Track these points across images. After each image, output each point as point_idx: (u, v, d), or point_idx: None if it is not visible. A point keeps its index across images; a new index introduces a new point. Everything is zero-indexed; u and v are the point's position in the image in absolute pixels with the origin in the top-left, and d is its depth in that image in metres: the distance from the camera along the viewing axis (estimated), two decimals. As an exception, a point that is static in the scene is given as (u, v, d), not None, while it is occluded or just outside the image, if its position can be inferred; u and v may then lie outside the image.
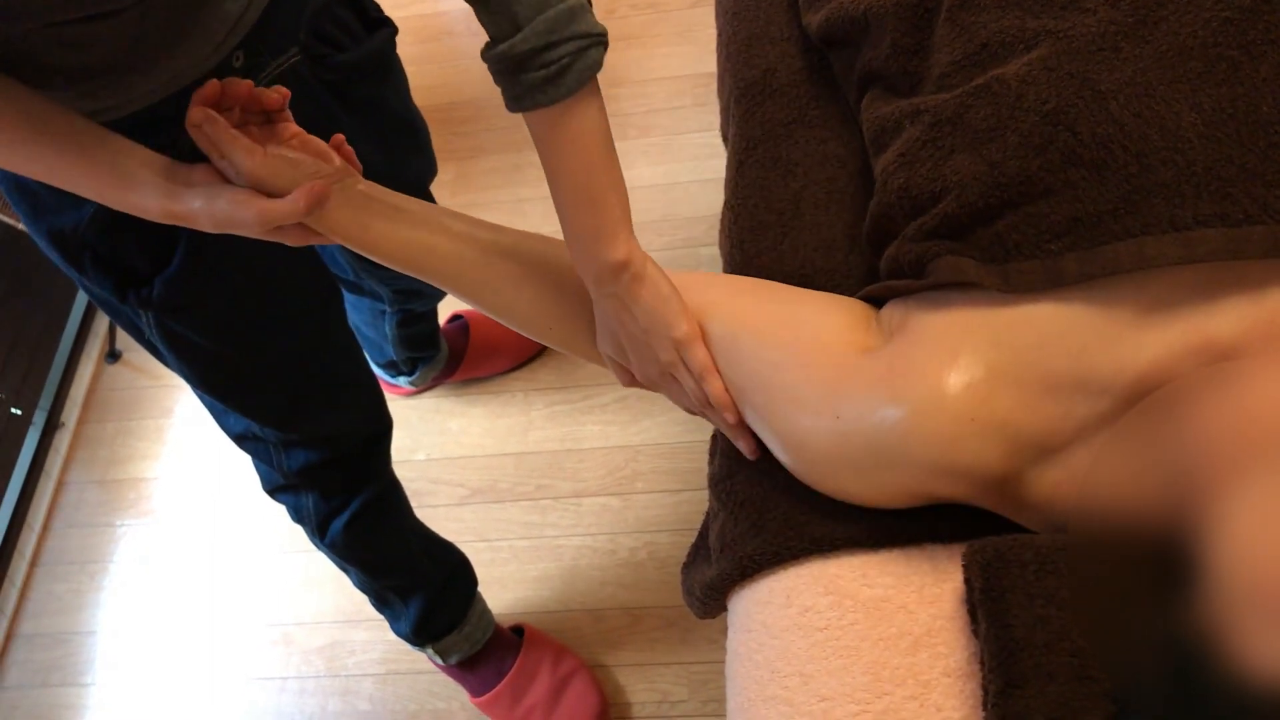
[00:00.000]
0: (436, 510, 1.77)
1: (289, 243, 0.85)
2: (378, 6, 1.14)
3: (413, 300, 1.55)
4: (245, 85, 0.80)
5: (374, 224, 0.87)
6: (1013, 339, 0.69)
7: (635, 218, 2.07)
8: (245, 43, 0.93)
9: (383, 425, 1.30)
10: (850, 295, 0.91)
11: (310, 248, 1.16)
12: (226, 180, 0.80)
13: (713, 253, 1.94)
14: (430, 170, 1.38)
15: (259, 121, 0.83)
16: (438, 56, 2.34)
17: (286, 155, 0.81)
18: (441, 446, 1.84)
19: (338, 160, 0.86)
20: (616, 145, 0.87)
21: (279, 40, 0.99)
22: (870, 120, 0.88)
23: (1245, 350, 0.66)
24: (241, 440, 1.19)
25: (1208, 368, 0.65)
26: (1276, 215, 0.65)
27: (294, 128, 0.85)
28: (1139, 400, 0.67)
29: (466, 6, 0.80)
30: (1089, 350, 0.68)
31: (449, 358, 1.85)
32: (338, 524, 1.28)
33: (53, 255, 0.98)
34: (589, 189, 0.86)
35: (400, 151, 1.27)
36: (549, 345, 0.91)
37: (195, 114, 0.77)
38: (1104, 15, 0.73)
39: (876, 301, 0.82)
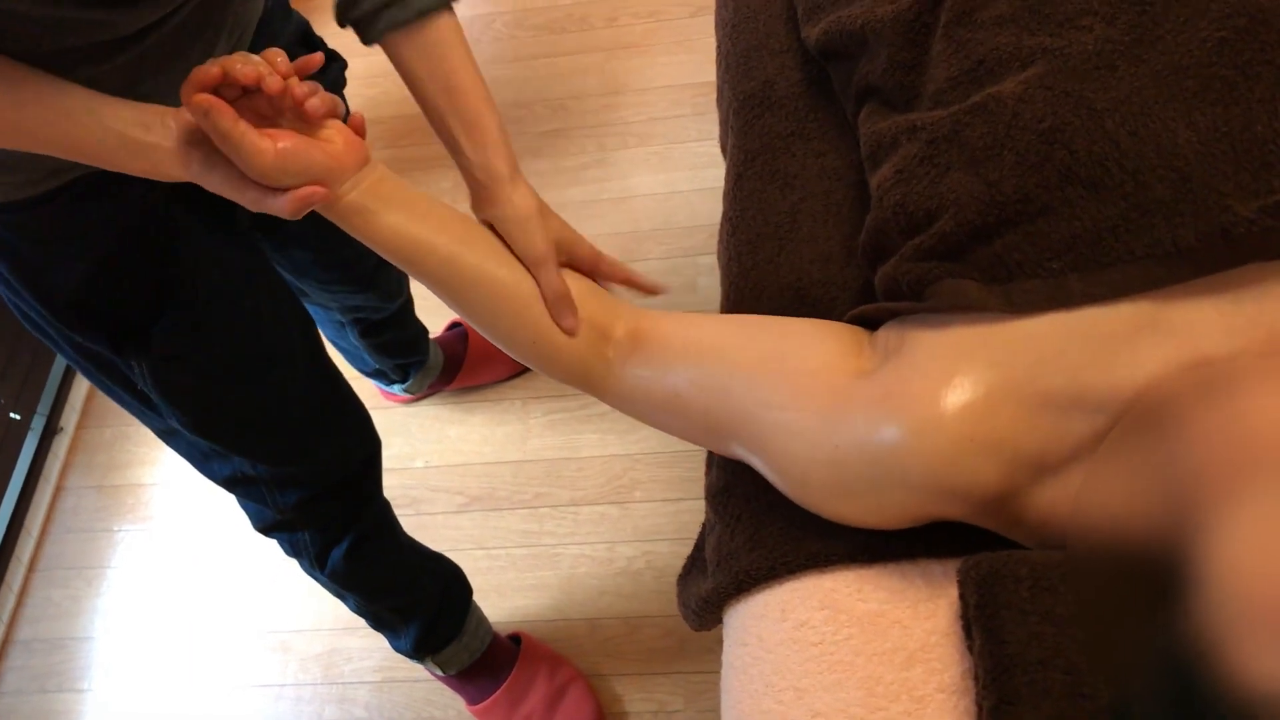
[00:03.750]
0: (434, 518, 1.77)
1: (285, 215, 0.82)
2: (323, 41, 1.16)
3: (363, 311, 1.54)
4: (248, 73, 0.75)
5: (382, 217, 0.83)
6: (1010, 358, 0.70)
7: (634, 226, 2.10)
8: None
9: (373, 445, 1.30)
10: (847, 307, 0.92)
11: (284, 280, 1.16)
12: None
13: (710, 262, 1.94)
14: None
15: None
16: (438, 64, 2.34)
17: (297, 154, 0.77)
18: (440, 454, 1.84)
19: (342, 149, 0.82)
20: (616, 154, 0.88)
21: None
22: (867, 135, 0.89)
23: (1240, 365, 0.66)
24: (231, 484, 1.18)
25: (1201, 378, 0.65)
26: (1272, 218, 0.65)
27: (304, 87, 0.79)
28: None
29: (468, 13, 0.81)
30: (1085, 368, 0.68)
31: (447, 365, 1.85)
32: (337, 553, 1.28)
33: (34, 320, 0.97)
34: (476, 101, 0.90)
35: None
36: (528, 364, 0.89)
37: (199, 101, 0.73)
38: (1100, 33, 0.73)
39: (869, 322, 0.82)
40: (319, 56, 0.80)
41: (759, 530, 0.83)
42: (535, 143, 2.19)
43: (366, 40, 0.89)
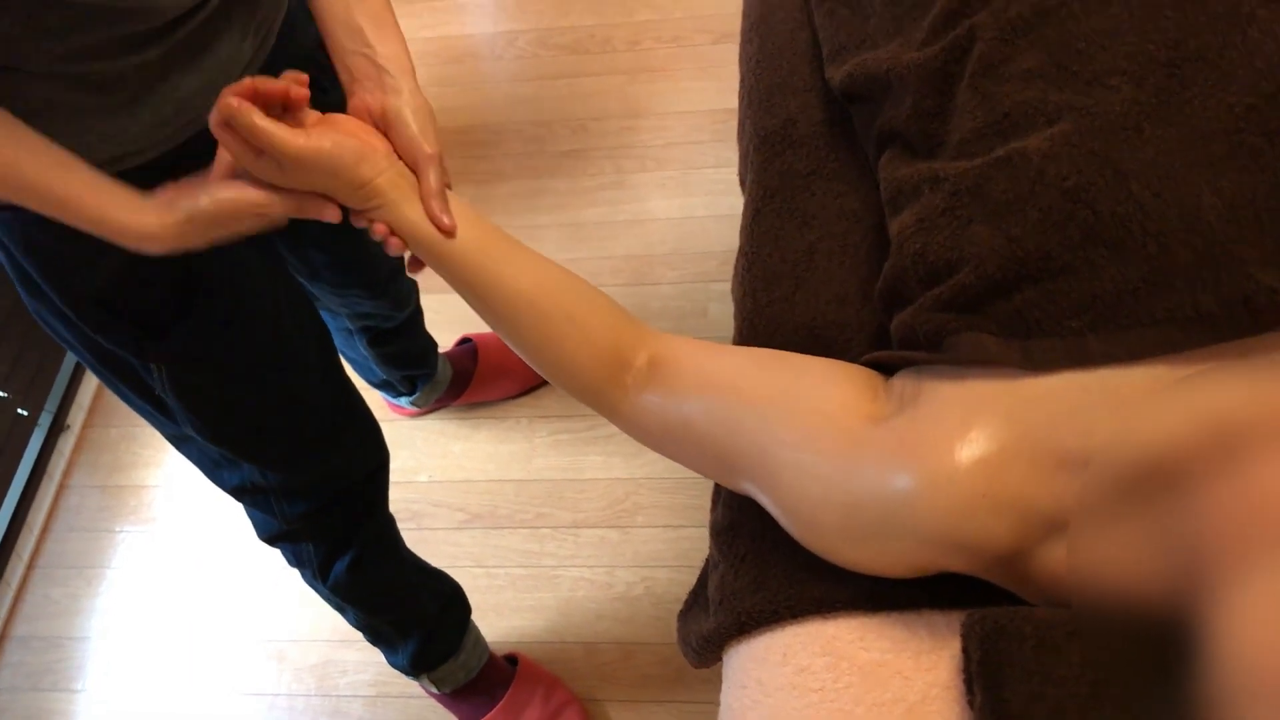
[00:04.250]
0: (435, 533, 1.77)
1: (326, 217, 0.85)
2: None
3: (372, 319, 1.55)
4: (278, 87, 0.79)
5: (403, 208, 0.83)
6: (1025, 415, 0.69)
7: (647, 249, 2.10)
8: None
9: (381, 457, 1.30)
10: (861, 350, 0.92)
11: (300, 287, 1.17)
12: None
13: (724, 289, 1.95)
14: None
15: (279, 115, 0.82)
16: (460, 79, 2.35)
17: (324, 143, 0.79)
18: (444, 469, 1.84)
19: (375, 139, 0.84)
20: (634, 176, 0.88)
21: None
22: (888, 180, 0.89)
23: (1259, 434, 0.65)
24: (239, 492, 1.19)
25: (1216, 443, 0.65)
26: None
27: (315, 114, 0.84)
28: (1150, 479, 0.67)
29: (491, 30, 0.83)
30: (1100, 428, 0.68)
31: (455, 380, 1.85)
32: (340, 566, 1.28)
33: (55, 320, 0.98)
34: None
35: None
36: (543, 375, 0.89)
37: (228, 104, 0.74)
38: (1128, 94, 0.73)
39: (885, 367, 0.82)
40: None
41: (763, 571, 0.83)
42: (553, 162, 2.19)
43: None
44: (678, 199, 2.10)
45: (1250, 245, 0.66)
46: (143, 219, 0.81)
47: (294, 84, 0.79)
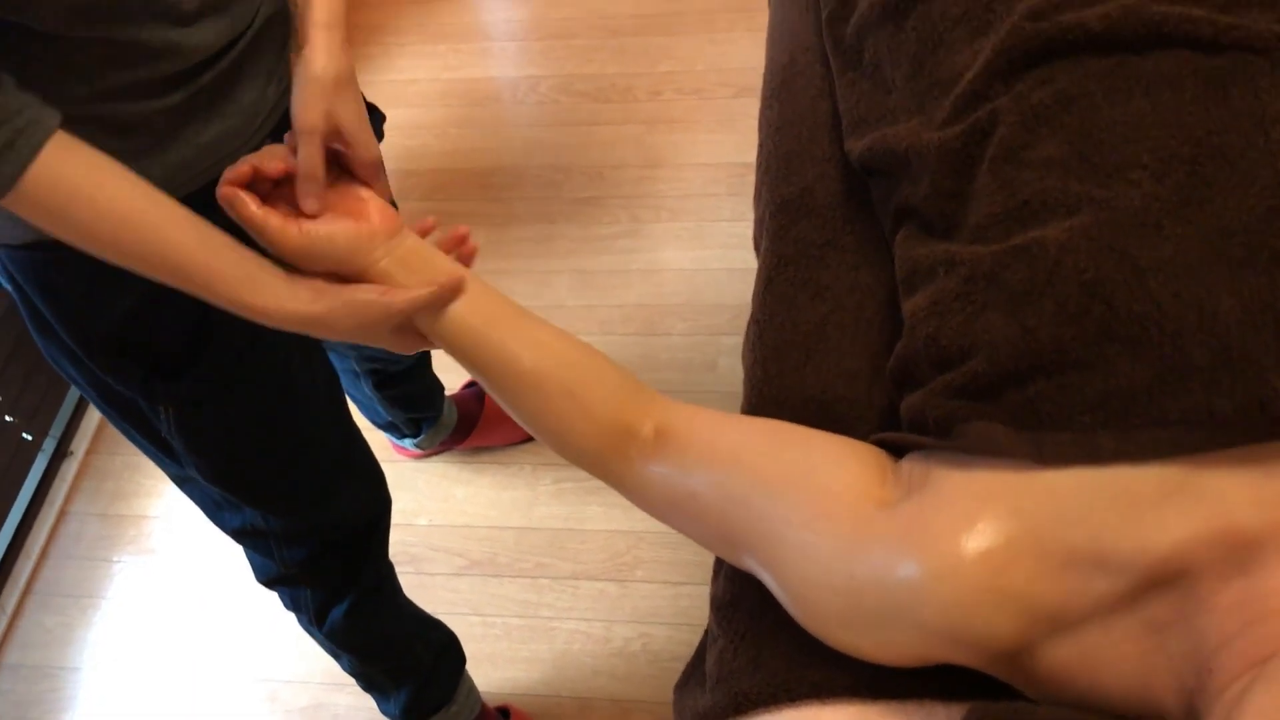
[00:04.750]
0: (434, 578, 1.76)
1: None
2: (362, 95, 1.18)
3: (379, 362, 1.55)
4: (276, 167, 0.81)
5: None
6: (1034, 509, 0.68)
7: (659, 299, 2.12)
8: (276, 132, 0.95)
9: (383, 505, 1.30)
10: (871, 427, 0.91)
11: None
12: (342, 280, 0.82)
13: (734, 343, 1.94)
14: None
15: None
16: (481, 121, 2.37)
17: (320, 231, 0.82)
18: (445, 513, 1.83)
19: (376, 220, 0.85)
20: (649, 226, 0.88)
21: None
22: (903, 259, 0.88)
23: (1269, 540, 0.65)
24: (239, 535, 1.18)
25: (1227, 550, 0.64)
26: None
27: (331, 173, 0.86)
28: (1158, 582, 0.66)
29: (514, 74, 0.86)
30: (1110, 527, 0.67)
31: (460, 423, 1.84)
32: (337, 612, 1.27)
33: (63, 358, 0.98)
34: None
35: None
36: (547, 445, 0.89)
37: (223, 192, 0.79)
38: (1148, 189, 0.73)
39: (893, 447, 0.82)
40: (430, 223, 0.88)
41: (762, 651, 0.82)
42: (569, 208, 2.20)
43: None
44: (692, 250, 2.10)
45: (1267, 350, 0.65)
46: (291, 306, 0.81)
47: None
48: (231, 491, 1.11)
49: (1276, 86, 0.73)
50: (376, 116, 1.20)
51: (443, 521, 1.83)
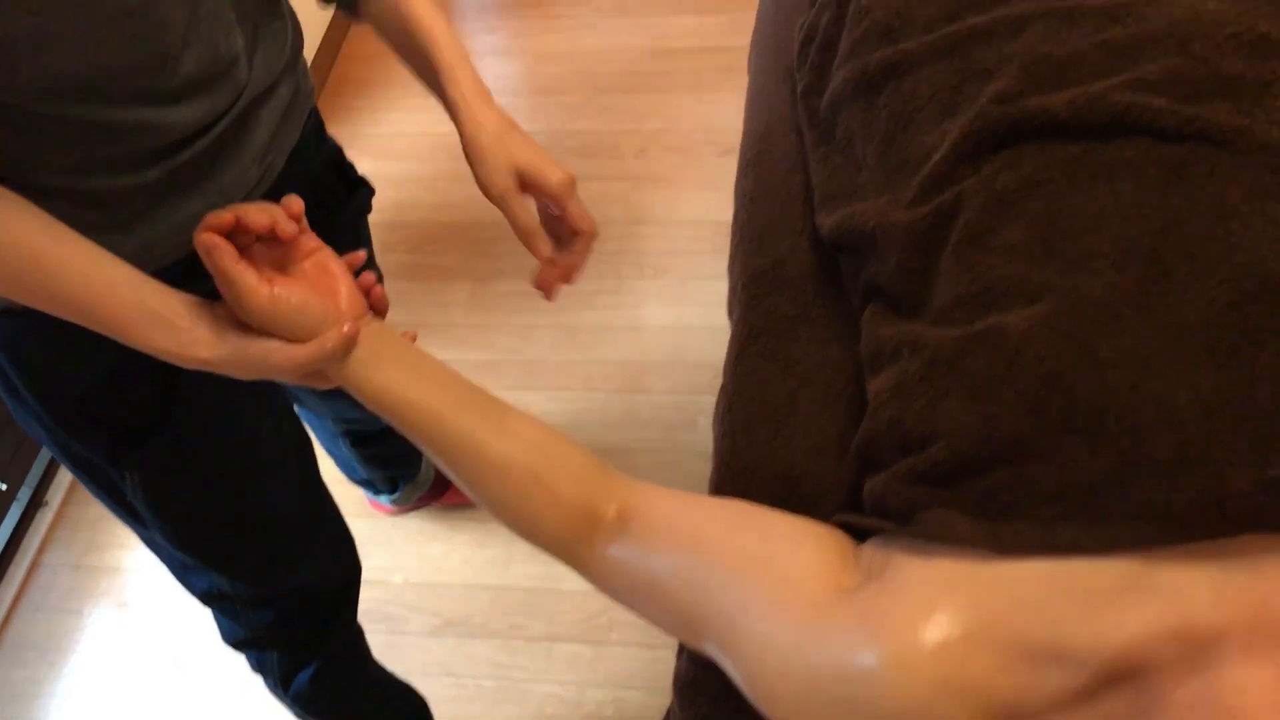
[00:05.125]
0: (407, 637, 1.74)
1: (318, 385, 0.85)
2: (353, 168, 1.19)
3: (356, 423, 1.54)
4: (262, 222, 0.79)
5: (375, 370, 0.84)
6: (992, 601, 0.68)
7: (641, 356, 2.14)
8: None
9: (353, 571, 1.28)
10: (837, 504, 0.90)
11: (283, 393, 1.16)
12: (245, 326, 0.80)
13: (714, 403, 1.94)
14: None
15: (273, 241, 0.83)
16: (468, 175, 2.36)
17: (292, 300, 0.81)
18: (420, 571, 1.82)
19: (344, 303, 0.85)
20: (632, 283, 0.89)
21: None
22: (869, 337, 0.88)
23: (1227, 636, 0.64)
24: (207, 598, 1.17)
25: (1183, 647, 0.64)
26: (1268, 494, 0.64)
27: (313, 242, 0.85)
28: (1116, 677, 0.65)
29: None
30: (1068, 620, 0.66)
31: (438, 480, 1.84)
32: (303, 677, 1.25)
33: (30, 420, 0.97)
34: (449, 46, 0.95)
35: None
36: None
37: (204, 239, 0.77)
38: (1109, 279, 0.73)
39: (856, 530, 0.81)
40: (361, 255, 0.86)
41: (722, 735, 0.81)
42: (553, 264, 2.20)
43: (349, 18, 1.00)
44: (674, 308, 2.11)
45: (1225, 445, 0.65)
46: (191, 351, 0.79)
47: (282, 219, 0.79)
48: (197, 556, 1.10)
49: (1236, 179, 0.74)
50: (365, 190, 1.20)
51: (418, 579, 1.81)
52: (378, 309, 0.90)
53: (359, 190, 1.19)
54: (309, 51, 2.53)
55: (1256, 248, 0.70)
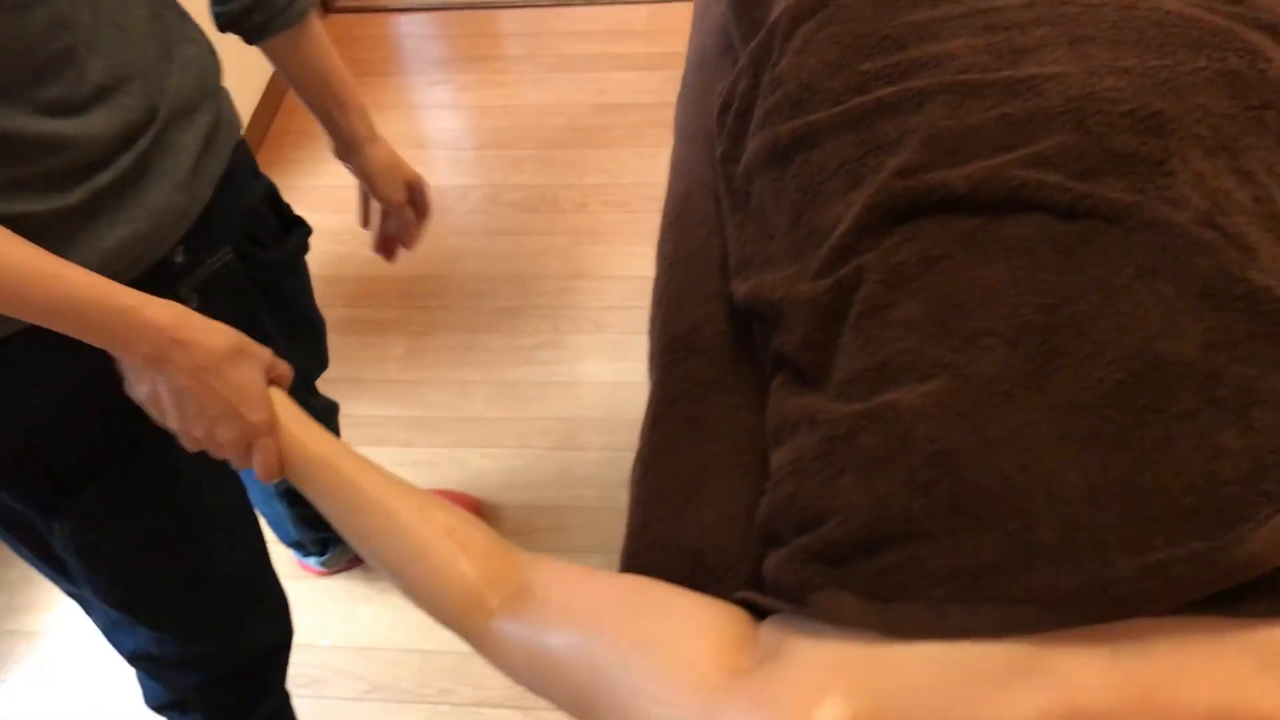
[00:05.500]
0: (334, 703, 1.70)
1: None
2: (289, 207, 1.21)
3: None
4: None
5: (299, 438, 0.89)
6: (883, 684, 0.67)
7: (577, 412, 2.12)
8: (187, 238, 0.94)
9: (287, 635, 1.26)
10: (743, 579, 0.89)
11: None
12: None
13: (651, 460, 1.92)
14: (324, 365, 1.39)
15: None
16: (408, 228, 2.36)
17: None
18: (348, 634, 1.78)
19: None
20: (570, 337, 0.91)
21: (216, 238, 1.01)
22: (774, 409, 0.88)
23: None
24: (134, 659, 1.14)
25: None
26: (1152, 578, 0.63)
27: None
28: None
29: (445, 183, 0.93)
30: (958, 706, 0.65)
31: (369, 540, 1.80)
32: None
33: None
34: (344, 82, 1.17)
35: (301, 348, 1.30)
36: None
37: None
38: (1001, 356, 0.72)
39: (758, 607, 0.80)
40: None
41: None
42: (491, 319, 2.19)
43: (251, 43, 1.10)
44: (612, 363, 2.10)
45: (1111, 528, 0.65)
46: (145, 315, 0.81)
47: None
48: (128, 612, 1.07)
49: (1127, 256, 0.74)
50: (301, 229, 1.21)
51: (345, 642, 1.77)
52: (280, 382, 0.91)
53: (295, 229, 1.20)
54: (250, 103, 2.52)
55: (1145, 327, 0.71)
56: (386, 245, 1.36)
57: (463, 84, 2.78)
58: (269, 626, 1.22)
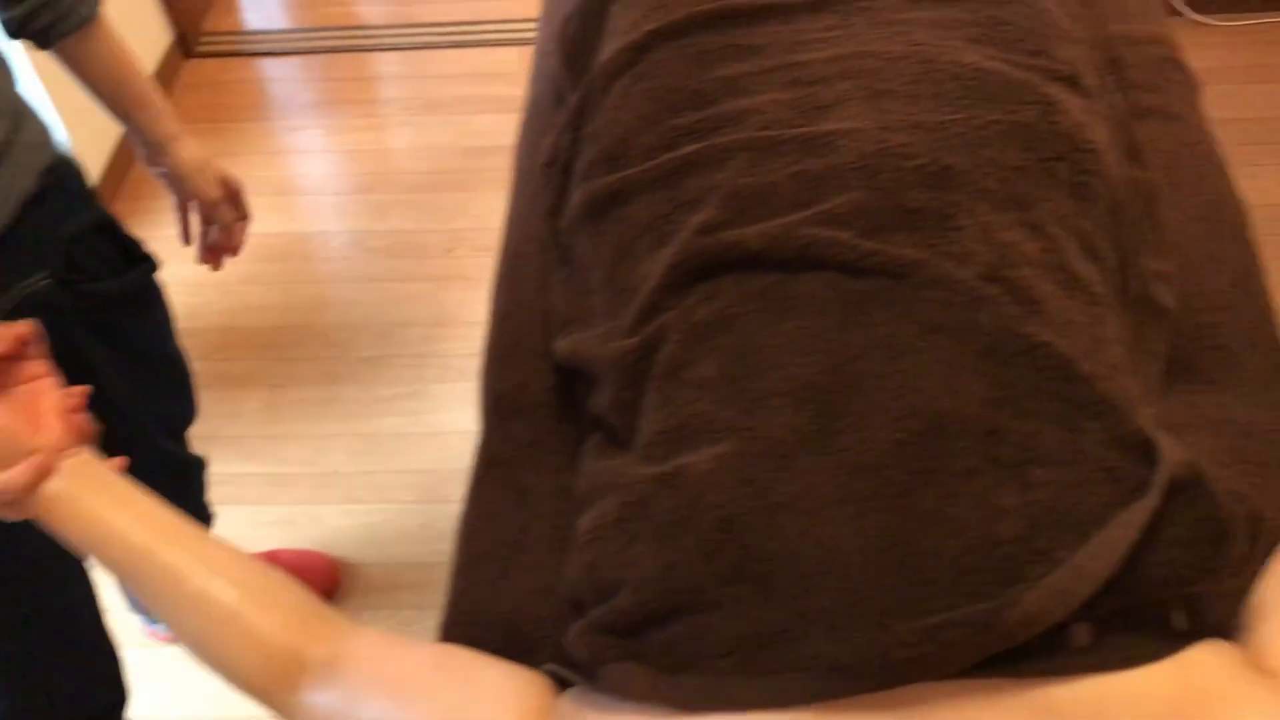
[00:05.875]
0: (182, 779, 1.62)
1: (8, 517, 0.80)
2: (139, 245, 1.19)
3: None
4: None
5: (79, 501, 0.80)
6: (670, 760, 0.65)
7: (440, 464, 2.09)
8: None
9: (118, 695, 1.20)
10: (556, 650, 0.87)
11: None
12: None
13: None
14: (190, 414, 1.34)
15: None
16: (269, 277, 2.30)
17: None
18: (200, 704, 1.71)
19: (55, 432, 0.80)
20: (434, 386, 0.88)
21: (25, 262, 0.98)
22: (583, 473, 0.87)
23: None
24: None
25: None
26: (930, 643, 0.63)
27: (35, 368, 0.81)
28: None
29: (308, 229, 0.86)
30: (745, 781, 0.64)
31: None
32: None
33: None
34: (141, 84, 1.15)
35: (157, 392, 1.25)
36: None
37: None
38: (787, 418, 0.72)
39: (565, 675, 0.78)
40: (87, 389, 0.84)
41: None
42: (353, 368, 2.14)
43: (43, 48, 1.07)
44: (477, 412, 2.06)
45: (889, 593, 0.64)
46: None
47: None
48: None
49: (911, 313, 0.74)
50: (146, 264, 1.20)
51: (197, 713, 1.70)
52: (82, 437, 0.86)
53: (137, 265, 1.19)
54: (104, 152, 2.45)
55: (927, 385, 0.71)
56: (211, 254, 1.35)
57: (329, 128, 2.74)
58: (97, 680, 1.16)
